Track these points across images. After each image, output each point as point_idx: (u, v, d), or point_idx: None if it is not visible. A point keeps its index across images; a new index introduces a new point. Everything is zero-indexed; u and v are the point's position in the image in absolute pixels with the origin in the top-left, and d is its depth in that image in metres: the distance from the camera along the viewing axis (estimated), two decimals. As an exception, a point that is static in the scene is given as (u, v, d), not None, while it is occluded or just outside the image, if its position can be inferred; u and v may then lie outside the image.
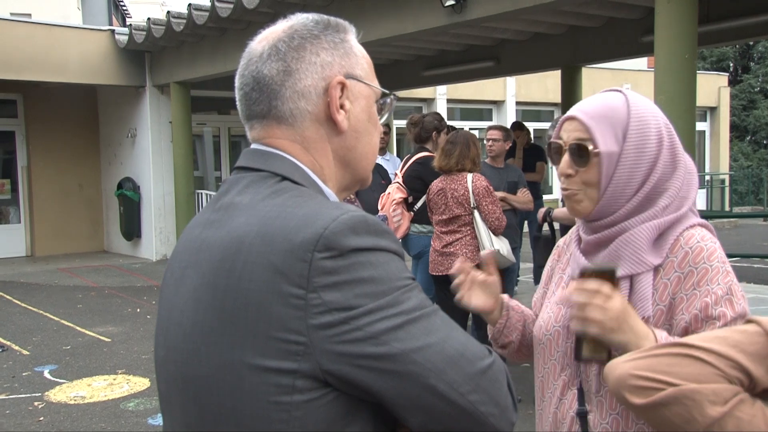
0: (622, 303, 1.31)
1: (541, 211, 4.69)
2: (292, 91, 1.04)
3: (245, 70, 1.08)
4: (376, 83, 1.12)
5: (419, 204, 5.18)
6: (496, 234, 4.59)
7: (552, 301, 1.60)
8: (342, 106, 1.06)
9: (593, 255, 1.48)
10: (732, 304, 1.34)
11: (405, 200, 5.24)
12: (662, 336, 1.33)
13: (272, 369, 0.91)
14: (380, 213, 5.22)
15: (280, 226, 0.94)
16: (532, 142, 8.09)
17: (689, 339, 1.07)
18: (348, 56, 1.08)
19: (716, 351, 1.03)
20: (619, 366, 1.11)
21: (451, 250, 4.59)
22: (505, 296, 1.69)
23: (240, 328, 0.93)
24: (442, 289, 4.74)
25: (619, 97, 1.45)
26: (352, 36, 1.11)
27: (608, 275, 1.32)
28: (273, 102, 1.05)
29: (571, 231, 1.67)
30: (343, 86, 1.06)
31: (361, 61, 1.10)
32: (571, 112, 1.47)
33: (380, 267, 0.93)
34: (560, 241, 1.71)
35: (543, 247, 4.88)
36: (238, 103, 1.10)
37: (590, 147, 1.41)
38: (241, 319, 0.93)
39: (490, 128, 6.01)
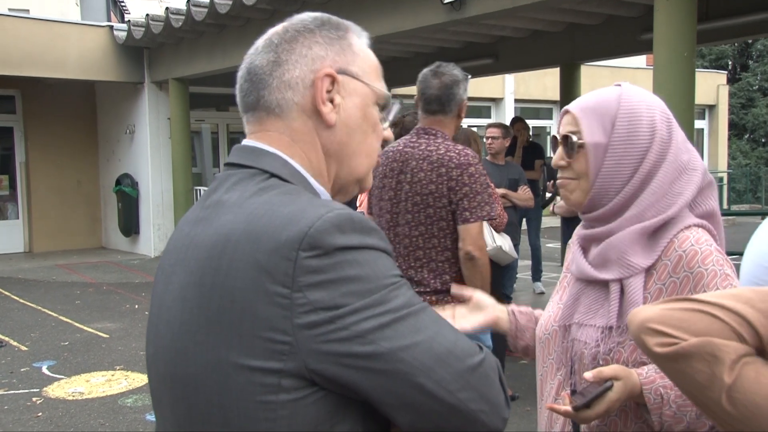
0: (620, 400, 1.33)
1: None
2: (279, 81, 1.04)
3: (243, 63, 1.09)
4: (378, 85, 1.10)
5: None
6: (497, 231, 4.59)
7: (555, 299, 1.61)
8: (332, 101, 1.05)
9: (588, 250, 1.49)
10: None
11: None
12: (644, 371, 1.35)
13: (258, 368, 0.90)
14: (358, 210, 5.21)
15: (265, 224, 0.93)
16: (531, 139, 8.09)
17: (703, 295, 1.06)
18: (344, 53, 1.07)
19: (727, 306, 1.01)
20: (639, 314, 1.09)
21: None
22: (512, 306, 1.72)
23: (226, 327, 0.92)
24: None
25: (614, 91, 1.46)
26: (354, 36, 1.10)
27: (605, 391, 1.33)
28: (261, 92, 1.05)
29: (577, 228, 1.69)
30: (333, 80, 1.05)
31: (360, 61, 1.09)
32: (567, 107, 1.51)
33: (367, 265, 0.92)
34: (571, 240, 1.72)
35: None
36: (236, 96, 1.11)
37: (575, 138, 1.45)
38: (227, 317, 0.92)
39: (490, 126, 6.00)
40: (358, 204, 5.27)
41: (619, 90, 1.46)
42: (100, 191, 12.76)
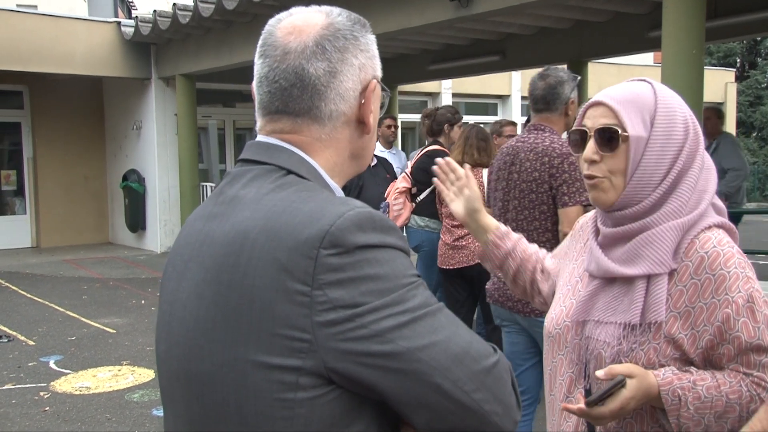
0: (635, 398, 1.32)
1: None
2: (335, 93, 1.04)
3: (282, 63, 1.03)
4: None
5: (422, 196, 5.18)
6: None
7: (564, 292, 1.58)
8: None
9: (611, 249, 1.45)
10: (753, 313, 1.32)
11: (409, 190, 5.25)
12: (661, 373, 1.33)
13: (276, 366, 0.90)
14: (385, 201, 5.25)
15: (285, 222, 0.93)
16: None
17: None
18: (374, 58, 1.09)
19: None
20: None
21: (463, 243, 4.59)
22: (501, 228, 1.80)
23: (244, 324, 0.92)
24: (451, 284, 4.74)
25: (645, 86, 1.44)
26: (373, 36, 1.11)
27: (617, 386, 1.32)
28: (316, 102, 1.04)
29: (587, 216, 1.66)
30: (374, 89, 1.08)
31: (379, 62, 1.10)
32: (596, 98, 1.45)
33: (386, 264, 0.93)
34: (576, 224, 1.69)
35: None
36: (266, 94, 1.05)
37: (619, 131, 1.39)
38: (245, 315, 0.92)
39: (509, 123, 5.96)
40: (385, 195, 5.31)
41: (650, 85, 1.44)
42: (107, 187, 12.80)
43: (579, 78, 3.25)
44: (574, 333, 1.49)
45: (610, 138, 1.40)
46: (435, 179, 1.83)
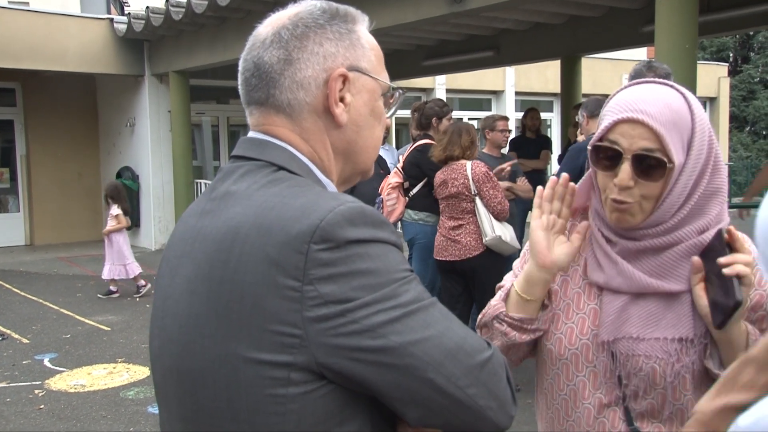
0: None
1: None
2: (291, 80, 1.02)
3: (248, 54, 1.05)
4: (383, 76, 1.09)
5: (415, 190, 5.17)
6: (499, 219, 4.56)
7: (563, 309, 1.44)
8: (342, 99, 1.03)
9: (634, 261, 1.35)
10: None
11: (401, 185, 5.25)
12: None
13: (267, 362, 0.90)
14: (379, 196, 5.25)
15: (276, 217, 0.92)
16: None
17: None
18: (354, 48, 1.05)
19: None
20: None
21: (457, 237, 4.60)
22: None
23: (235, 320, 0.91)
24: (447, 278, 4.74)
25: (679, 100, 1.30)
26: (361, 26, 1.08)
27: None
28: (271, 90, 1.03)
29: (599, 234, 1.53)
30: (345, 79, 1.03)
31: (368, 54, 1.07)
32: (633, 114, 1.26)
33: (378, 259, 0.92)
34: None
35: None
36: (239, 87, 1.08)
37: (666, 161, 1.25)
38: (236, 311, 0.91)
39: (501, 118, 5.97)
40: (379, 191, 5.31)
41: (682, 97, 1.30)
42: (101, 184, 12.72)
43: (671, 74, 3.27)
44: (598, 351, 1.38)
45: (650, 164, 1.26)
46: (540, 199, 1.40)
